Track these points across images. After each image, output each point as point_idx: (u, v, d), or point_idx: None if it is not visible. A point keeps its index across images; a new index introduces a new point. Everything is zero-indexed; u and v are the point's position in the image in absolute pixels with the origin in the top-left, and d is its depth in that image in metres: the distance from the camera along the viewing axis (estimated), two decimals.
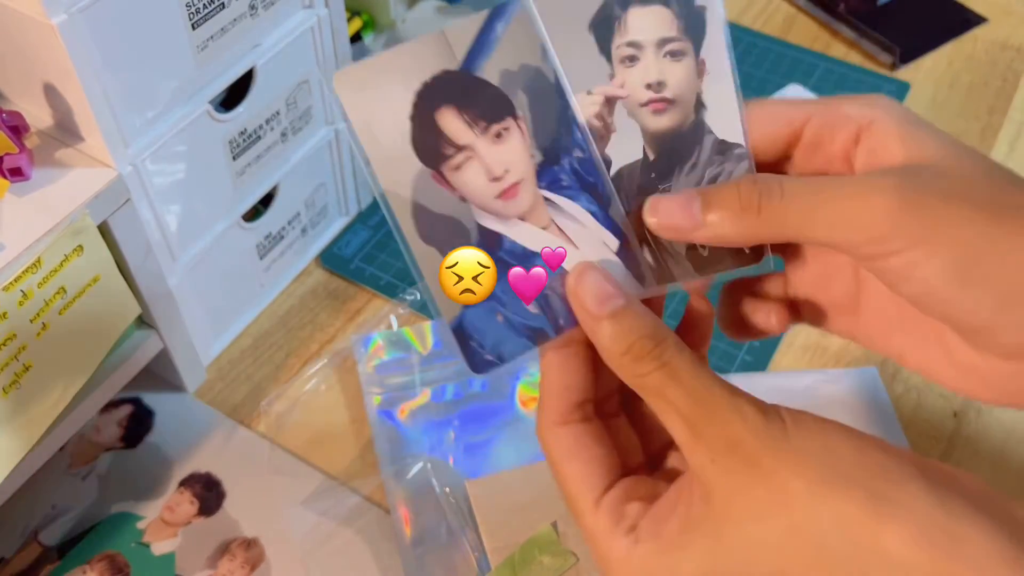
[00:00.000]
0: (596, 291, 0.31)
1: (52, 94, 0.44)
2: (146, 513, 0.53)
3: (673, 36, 0.34)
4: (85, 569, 0.51)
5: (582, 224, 0.33)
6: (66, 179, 0.44)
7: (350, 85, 0.31)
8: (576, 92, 0.34)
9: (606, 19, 0.34)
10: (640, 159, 0.34)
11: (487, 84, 0.32)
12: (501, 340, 0.33)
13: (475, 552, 0.50)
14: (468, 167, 0.32)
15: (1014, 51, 0.79)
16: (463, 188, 0.32)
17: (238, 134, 0.52)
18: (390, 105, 0.32)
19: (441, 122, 0.32)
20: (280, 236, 0.60)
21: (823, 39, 0.81)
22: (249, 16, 0.49)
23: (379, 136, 0.32)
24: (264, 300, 0.62)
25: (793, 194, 0.30)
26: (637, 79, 0.34)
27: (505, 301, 0.33)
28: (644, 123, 0.34)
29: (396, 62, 0.32)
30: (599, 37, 0.34)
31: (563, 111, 0.33)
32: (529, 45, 0.33)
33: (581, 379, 0.33)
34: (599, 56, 0.34)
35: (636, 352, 0.30)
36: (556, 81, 0.33)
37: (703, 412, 0.29)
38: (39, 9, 0.39)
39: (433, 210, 0.32)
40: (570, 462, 0.33)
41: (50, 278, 0.42)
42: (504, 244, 0.33)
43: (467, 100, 0.32)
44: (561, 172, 0.33)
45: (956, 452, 0.55)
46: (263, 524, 0.52)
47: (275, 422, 0.56)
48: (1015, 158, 0.71)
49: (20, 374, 0.43)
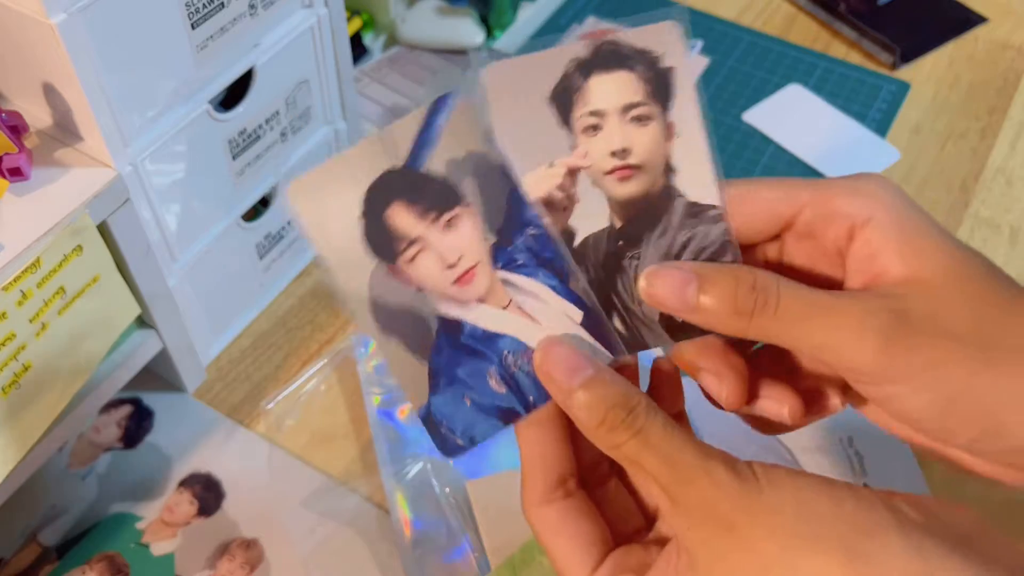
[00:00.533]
0: (565, 364, 0.31)
1: (51, 94, 0.44)
2: (145, 513, 0.53)
3: (638, 101, 0.33)
4: (84, 569, 0.51)
5: (543, 300, 0.33)
6: (65, 179, 0.44)
7: (303, 194, 0.32)
8: (537, 166, 0.33)
9: (566, 90, 0.33)
10: (607, 227, 0.34)
11: (432, 176, 0.33)
12: (471, 423, 0.33)
13: (475, 552, 0.50)
14: (422, 258, 0.33)
15: (1014, 51, 0.79)
16: (419, 279, 0.33)
17: (238, 134, 0.52)
18: (341, 208, 0.32)
19: (391, 218, 0.33)
20: (280, 236, 0.60)
21: (823, 39, 0.81)
22: (249, 16, 0.49)
23: (333, 238, 0.32)
24: (264, 300, 0.62)
25: (787, 310, 0.30)
26: (601, 148, 0.33)
27: (471, 384, 0.33)
28: (610, 191, 0.34)
29: (344, 167, 0.33)
30: (560, 109, 0.33)
31: (512, 192, 0.33)
32: (472, 132, 0.33)
33: (559, 454, 0.34)
34: (560, 128, 0.33)
35: (610, 422, 0.30)
36: (502, 164, 0.33)
37: (677, 478, 0.29)
38: (39, 8, 0.39)
39: (392, 304, 0.33)
40: (557, 540, 0.33)
41: (49, 278, 0.42)
42: (465, 329, 0.33)
43: (414, 194, 0.33)
44: (516, 251, 0.33)
45: None
46: (263, 524, 0.52)
47: (275, 422, 0.56)
48: (1016, 157, 0.71)
49: (19, 374, 0.43)
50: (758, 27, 0.82)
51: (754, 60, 0.79)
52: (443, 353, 0.33)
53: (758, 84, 0.77)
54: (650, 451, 0.30)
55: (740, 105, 0.75)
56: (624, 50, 0.33)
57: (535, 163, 0.33)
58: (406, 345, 0.33)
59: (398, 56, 0.76)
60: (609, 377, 0.31)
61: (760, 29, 0.82)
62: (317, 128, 0.59)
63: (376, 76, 0.74)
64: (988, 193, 0.69)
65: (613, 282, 0.34)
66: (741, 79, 0.77)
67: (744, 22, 0.82)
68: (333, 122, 0.60)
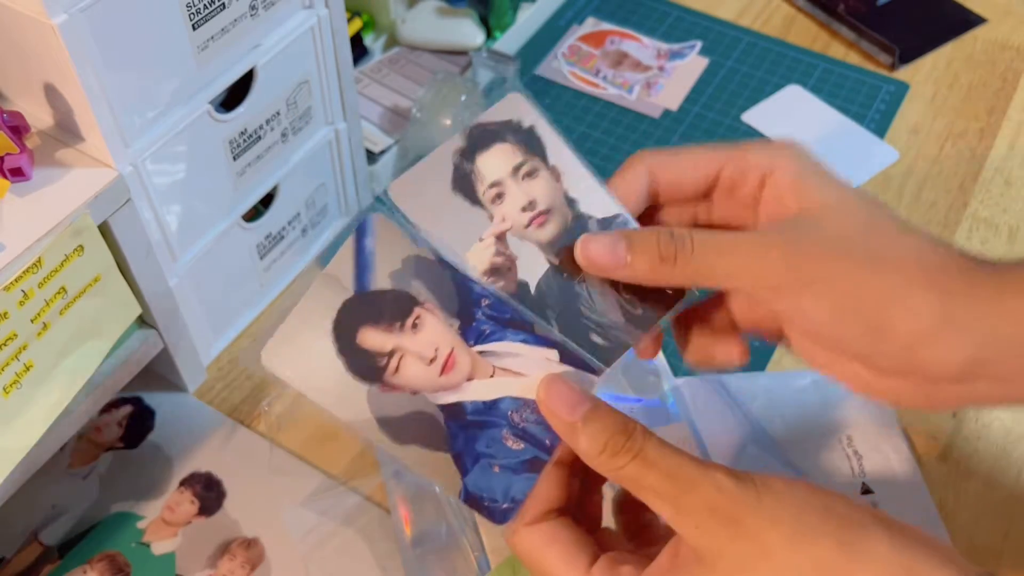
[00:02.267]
0: (565, 400, 0.35)
1: (52, 94, 0.44)
2: (146, 513, 0.53)
3: (521, 161, 0.38)
4: (85, 569, 0.51)
5: (520, 355, 0.37)
6: (66, 179, 0.44)
7: (278, 357, 0.36)
8: (471, 245, 0.37)
9: (463, 177, 0.38)
10: (548, 267, 0.38)
11: (383, 292, 0.36)
12: (508, 486, 0.36)
13: (475, 552, 0.50)
14: (404, 365, 0.36)
15: (1014, 51, 0.79)
16: (409, 384, 0.36)
17: (238, 134, 0.52)
18: (318, 355, 0.36)
19: (363, 343, 0.36)
20: (280, 236, 0.60)
21: (822, 39, 0.81)
22: (249, 16, 0.49)
23: (322, 384, 0.36)
24: (264, 300, 0.62)
25: (701, 247, 0.35)
26: (512, 208, 0.38)
27: (493, 452, 0.36)
28: (536, 239, 0.38)
29: (303, 319, 0.36)
30: (465, 193, 0.38)
31: (456, 276, 0.37)
32: (399, 240, 0.37)
33: (564, 491, 0.37)
34: (472, 208, 0.38)
35: (611, 449, 0.33)
36: (436, 256, 0.37)
37: (680, 488, 0.32)
38: (39, 9, 0.39)
39: (395, 416, 0.36)
40: (550, 550, 0.35)
41: (51, 278, 0.43)
42: (467, 408, 0.36)
43: (374, 314, 0.36)
44: (480, 324, 0.37)
45: (955, 452, 0.55)
46: (263, 524, 0.52)
47: (275, 422, 0.56)
48: (1014, 158, 0.71)
49: (21, 374, 0.43)
50: (757, 28, 0.82)
51: (753, 61, 0.79)
52: (458, 437, 0.36)
53: (757, 85, 0.77)
54: (651, 469, 0.33)
55: (739, 106, 0.75)
56: (491, 128, 0.38)
57: (468, 244, 0.38)
58: (423, 445, 0.36)
59: (398, 57, 0.76)
60: (605, 408, 0.35)
61: (759, 30, 0.82)
62: (318, 128, 0.59)
63: (376, 77, 0.74)
64: (987, 193, 0.69)
65: (576, 308, 0.38)
66: (740, 80, 0.77)
67: (743, 23, 0.83)
68: (334, 122, 0.60)
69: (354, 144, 0.63)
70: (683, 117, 0.75)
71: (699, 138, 0.73)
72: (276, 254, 0.61)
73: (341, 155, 0.62)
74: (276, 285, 0.63)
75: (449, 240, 0.37)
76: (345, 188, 0.64)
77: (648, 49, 0.80)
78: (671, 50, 0.80)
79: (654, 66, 0.78)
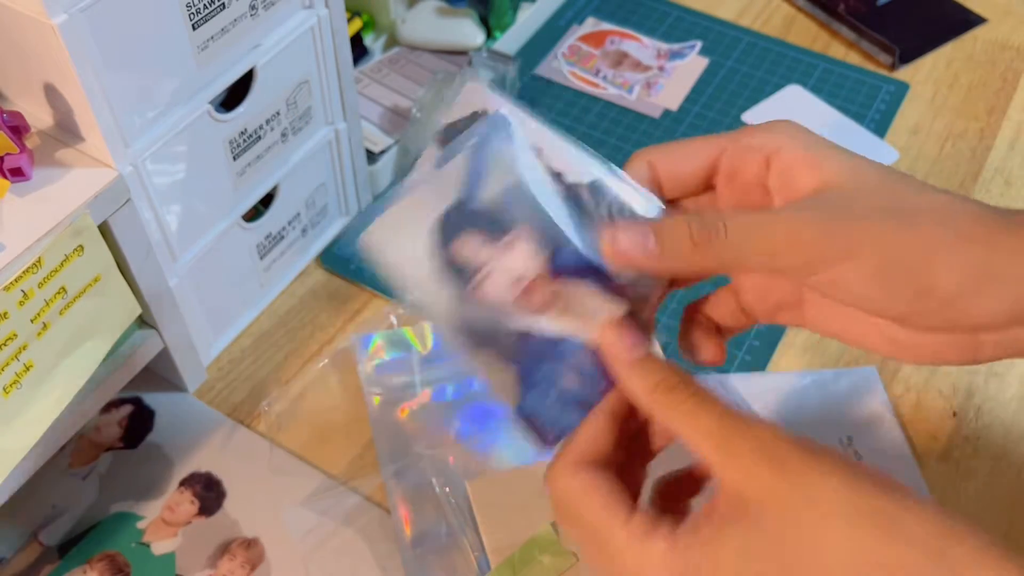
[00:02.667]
0: (625, 341, 0.35)
1: (52, 94, 0.44)
2: (146, 513, 0.53)
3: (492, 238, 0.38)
4: (85, 569, 0.51)
5: (593, 303, 0.37)
6: (66, 179, 0.44)
7: (377, 244, 0.37)
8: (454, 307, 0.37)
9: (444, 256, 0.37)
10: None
11: (488, 205, 0.37)
12: (558, 417, 0.37)
13: (475, 552, 0.50)
14: (489, 280, 0.36)
15: (1014, 51, 0.79)
16: (489, 299, 0.37)
17: (238, 134, 0.52)
18: (414, 250, 0.37)
19: (459, 250, 0.37)
20: (280, 236, 0.60)
21: (822, 39, 0.81)
22: (249, 16, 0.49)
23: (413, 277, 0.37)
24: (264, 300, 0.62)
25: (735, 231, 0.34)
26: (498, 290, 0.37)
27: (552, 383, 0.37)
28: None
29: (405, 213, 0.37)
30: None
31: (547, 217, 0.37)
32: (515, 158, 0.37)
33: (608, 442, 0.36)
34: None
35: (668, 383, 0.34)
36: (532, 192, 0.37)
37: (733, 430, 0.32)
38: (39, 9, 0.39)
39: (474, 322, 0.37)
40: (589, 496, 0.34)
41: (51, 278, 0.43)
42: (536, 336, 0.37)
43: (475, 224, 0.37)
44: (566, 261, 0.37)
45: (955, 452, 0.55)
46: (263, 524, 0.52)
47: (275, 422, 0.56)
48: (1014, 158, 0.71)
49: (21, 374, 0.43)
50: (757, 28, 0.82)
51: (753, 60, 0.79)
52: (524, 360, 0.37)
53: (757, 84, 0.77)
54: (707, 409, 0.33)
55: (740, 106, 0.75)
56: (459, 128, 0.38)
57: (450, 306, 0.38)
58: (495, 355, 0.37)
59: (398, 57, 0.76)
60: (661, 358, 0.35)
61: (759, 30, 0.82)
62: (318, 128, 0.59)
63: (376, 77, 0.74)
64: (987, 193, 0.69)
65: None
66: (740, 79, 0.77)
67: (743, 23, 0.83)
68: (333, 122, 0.60)
69: (354, 144, 0.63)
70: (683, 117, 0.74)
71: None
72: (276, 254, 0.61)
73: (341, 155, 0.62)
74: (276, 285, 0.63)
75: (431, 301, 0.37)
76: (345, 188, 0.64)
77: (648, 49, 0.80)
78: (671, 50, 0.80)
79: (654, 66, 0.78)
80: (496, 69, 0.71)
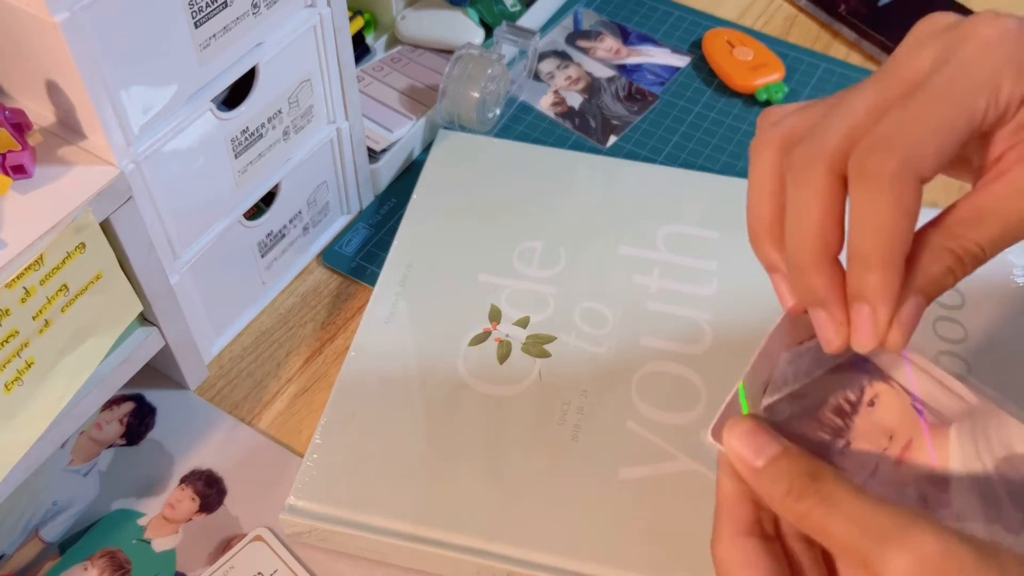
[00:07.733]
0: (750, 443, 0.32)
1: (54, 91, 0.44)
2: (147, 510, 0.53)
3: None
4: (86, 566, 0.51)
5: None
6: (68, 176, 0.44)
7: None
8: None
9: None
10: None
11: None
12: None
13: None
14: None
15: None
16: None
17: (240, 132, 0.53)
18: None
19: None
20: (282, 234, 0.61)
21: (824, 40, 0.81)
22: (252, 15, 0.49)
23: None
24: (266, 298, 0.62)
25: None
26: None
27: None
28: None
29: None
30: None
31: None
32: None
33: (749, 511, 0.33)
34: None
35: (797, 491, 0.30)
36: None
37: (872, 539, 0.28)
38: (41, 7, 0.39)
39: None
40: (744, 571, 0.32)
41: (52, 275, 0.43)
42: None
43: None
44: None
45: None
46: (264, 521, 0.52)
47: (277, 420, 0.57)
48: None
49: (22, 371, 0.43)
50: (758, 28, 0.82)
51: None
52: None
53: None
54: (838, 514, 0.29)
55: (740, 106, 0.75)
56: None
57: None
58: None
59: (400, 55, 0.76)
60: (796, 452, 0.32)
61: (760, 30, 0.82)
62: (319, 127, 0.59)
63: (378, 75, 0.74)
64: None
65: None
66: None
67: (744, 23, 0.83)
68: (335, 121, 0.60)
69: (356, 142, 0.63)
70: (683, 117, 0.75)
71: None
72: (277, 252, 0.61)
73: (343, 153, 0.62)
74: (278, 283, 0.63)
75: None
76: (347, 186, 0.64)
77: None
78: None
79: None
80: (518, 43, 0.73)
